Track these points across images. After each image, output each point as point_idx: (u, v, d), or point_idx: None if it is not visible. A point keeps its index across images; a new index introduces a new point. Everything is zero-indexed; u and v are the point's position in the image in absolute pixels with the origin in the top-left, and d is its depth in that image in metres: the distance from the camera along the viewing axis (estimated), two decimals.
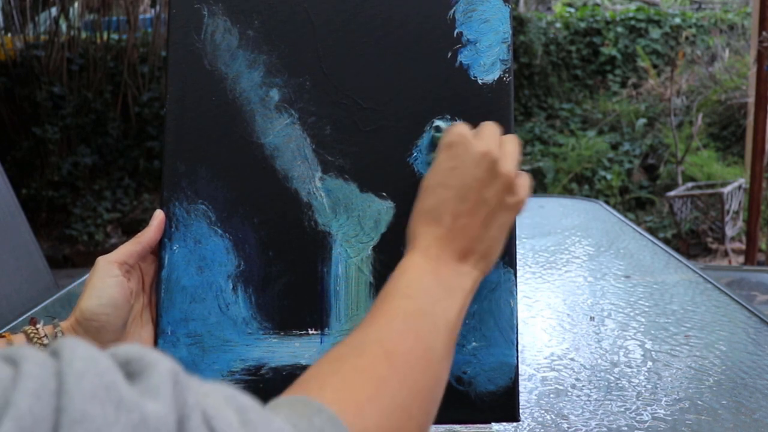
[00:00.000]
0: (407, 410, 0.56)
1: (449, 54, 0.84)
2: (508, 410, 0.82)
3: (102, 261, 0.76)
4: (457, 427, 0.83)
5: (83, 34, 6.53)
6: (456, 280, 0.68)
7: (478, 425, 0.83)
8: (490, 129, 0.74)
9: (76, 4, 6.50)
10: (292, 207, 0.82)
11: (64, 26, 6.38)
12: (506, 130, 0.83)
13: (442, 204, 0.70)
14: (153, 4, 6.59)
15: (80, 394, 0.32)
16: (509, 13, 0.85)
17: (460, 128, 0.74)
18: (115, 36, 6.61)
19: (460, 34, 0.84)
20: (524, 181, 0.74)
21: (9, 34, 6.49)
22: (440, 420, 0.82)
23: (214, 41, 0.84)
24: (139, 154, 6.38)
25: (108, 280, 0.74)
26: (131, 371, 0.37)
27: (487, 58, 0.84)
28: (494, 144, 0.72)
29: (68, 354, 0.34)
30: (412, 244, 0.70)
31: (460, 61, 0.84)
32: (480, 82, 0.83)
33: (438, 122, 0.82)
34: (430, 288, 0.66)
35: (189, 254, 0.81)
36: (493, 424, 0.83)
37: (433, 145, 0.80)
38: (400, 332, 0.60)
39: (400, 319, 0.62)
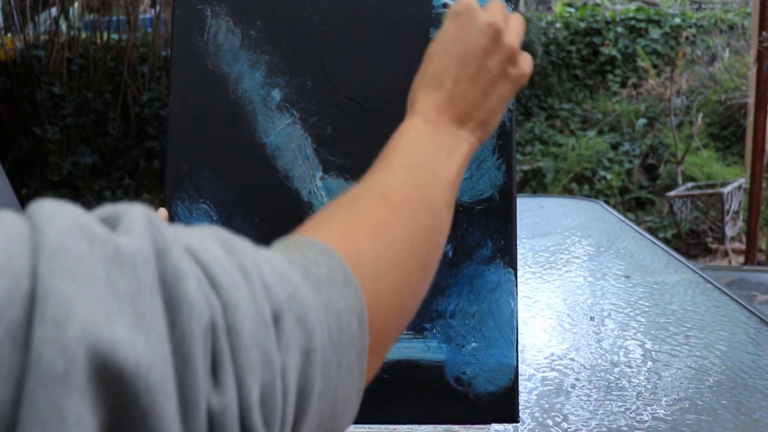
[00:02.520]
0: (409, 246, 0.56)
1: None
2: (508, 411, 0.82)
3: None
4: (456, 427, 0.83)
5: (83, 34, 6.52)
6: (454, 142, 0.68)
7: (478, 426, 0.83)
8: (496, 4, 0.75)
9: (76, 4, 6.50)
10: (293, 206, 0.83)
11: (64, 26, 6.37)
12: (508, 131, 0.83)
13: (443, 70, 0.71)
14: (153, 4, 6.59)
15: (54, 230, 0.32)
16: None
17: (467, 0, 0.75)
18: (115, 36, 6.60)
19: None
20: (527, 57, 0.75)
21: (9, 34, 6.49)
22: (439, 420, 0.82)
23: (217, 41, 0.84)
24: (139, 154, 6.38)
25: None
26: (107, 225, 0.36)
27: None
28: (500, 17, 0.73)
29: (37, 206, 0.34)
30: (412, 108, 0.70)
31: None
32: None
33: (447, 0, 0.83)
34: (429, 147, 0.66)
35: None
36: (492, 424, 0.83)
37: (441, 22, 0.80)
38: (399, 182, 0.61)
39: (399, 172, 0.62)
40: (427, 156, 0.65)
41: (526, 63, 0.74)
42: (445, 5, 0.82)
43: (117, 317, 0.32)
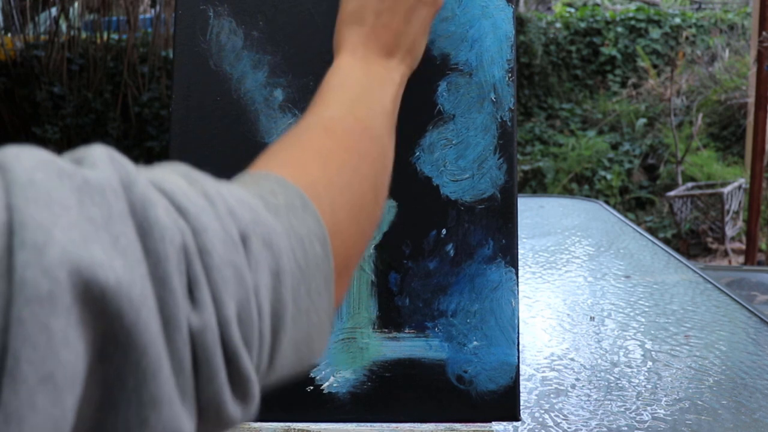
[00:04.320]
0: (357, 173, 0.58)
1: (452, 53, 0.84)
2: (509, 409, 0.82)
3: None
4: (457, 425, 0.84)
5: (83, 34, 6.53)
6: (386, 73, 0.70)
7: (479, 424, 0.83)
8: None
9: (76, 4, 6.50)
10: None
11: (64, 26, 6.38)
12: (509, 131, 0.84)
13: (362, 5, 0.72)
14: (153, 4, 6.59)
15: (22, 167, 0.33)
16: (512, 13, 0.85)
17: None
18: (115, 36, 6.60)
19: (463, 33, 0.84)
20: None
21: (9, 34, 6.49)
22: (441, 418, 0.83)
23: (220, 42, 0.84)
24: (139, 154, 6.38)
25: None
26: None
27: (490, 58, 0.84)
28: None
29: (2, 150, 0.35)
30: (339, 49, 0.72)
31: (464, 61, 0.84)
32: (483, 82, 0.84)
33: None
34: (361, 80, 0.68)
35: None
36: (493, 423, 0.83)
37: None
38: (339, 115, 0.63)
39: (336, 107, 0.64)
40: (360, 89, 0.67)
41: None
42: None
43: (94, 241, 0.33)
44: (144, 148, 6.38)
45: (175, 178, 0.41)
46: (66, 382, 0.31)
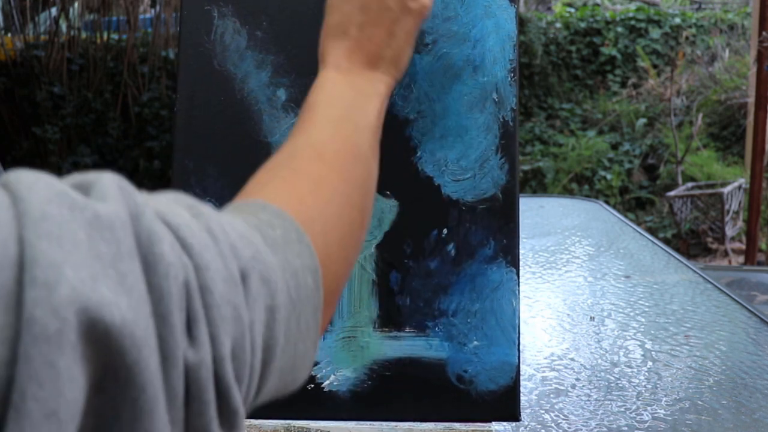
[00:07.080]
0: (348, 199, 0.59)
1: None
2: (509, 409, 0.82)
3: None
4: (457, 425, 0.84)
5: (83, 34, 6.52)
6: (370, 86, 0.70)
7: (478, 424, 0.84)
8: None
9: (76, 4, 6.50)
10: None
11: (64, 26, 6.37)
12: (511, 131, 0.84)
13: (346, 18, 0.72)
14: (153, 4, 6.59)
15: (36, 198, 0.33)
16: (515, 12, 0.86)
17: None
18: (115, 36, 6.60)
19: (466, 33, 0.85)
20: None
21: (9, 34, 6.49)
22: (441, 417, 0.83)
23: (224, 42, 0.85)
24: (139, 154, 6.38)
25: None
26: (81, 192, 0.38)
27: (493, 57, 0.84)
28: None
29: (14, 176, 0.35)
30: (324, 62, 0.72)
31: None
32: (485, 81, 0.84)
33: None
34: (347, 96, 0.68)
35: None
36: (493, 423, 0.84)
37: None
38: (327, 137, 0.63)
39: (324, 125, 0.64)
40: (346, 106, 0.67)
41: None
42: None
43: (101, 279, 0.34)
44: (144, 148, 6.38)
45: (180, 211, 0.41)
46: (68, 417, 0.32)
